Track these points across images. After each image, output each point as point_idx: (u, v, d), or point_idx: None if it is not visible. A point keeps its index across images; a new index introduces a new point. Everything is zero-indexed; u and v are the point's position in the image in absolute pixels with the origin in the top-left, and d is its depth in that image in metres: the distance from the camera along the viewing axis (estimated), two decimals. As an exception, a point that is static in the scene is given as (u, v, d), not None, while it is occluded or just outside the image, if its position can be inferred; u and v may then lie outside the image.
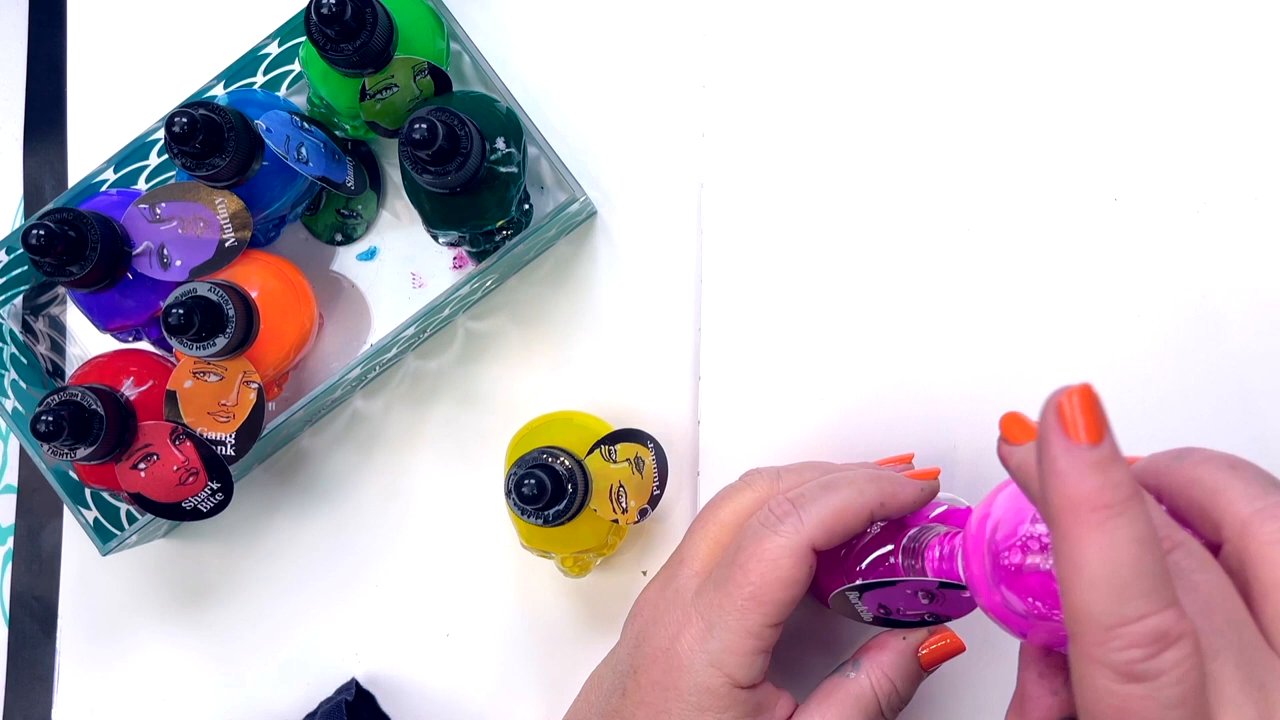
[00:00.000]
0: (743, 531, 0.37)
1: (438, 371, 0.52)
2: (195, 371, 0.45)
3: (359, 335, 0.53)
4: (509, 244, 0.47)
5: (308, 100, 0.51)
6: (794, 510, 0.36)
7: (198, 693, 0.52)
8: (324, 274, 0.53)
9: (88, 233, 0.44)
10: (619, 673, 0.38)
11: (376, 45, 0.44)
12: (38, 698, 0.54)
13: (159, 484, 0.45)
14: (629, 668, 0.37)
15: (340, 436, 0.53)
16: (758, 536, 0.35)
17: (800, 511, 0.36)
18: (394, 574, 0.52)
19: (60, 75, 0.58)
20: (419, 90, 0.47)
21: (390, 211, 0.54)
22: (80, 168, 0.57)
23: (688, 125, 0.51)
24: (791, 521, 0.35)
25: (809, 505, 0.36)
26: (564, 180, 0.48)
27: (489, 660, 0.51)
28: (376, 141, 0.53)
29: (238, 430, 0.45)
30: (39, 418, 0.42)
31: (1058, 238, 0.48)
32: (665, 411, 0.50)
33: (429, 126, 0.41)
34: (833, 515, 0.35)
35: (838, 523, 0.36)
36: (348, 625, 0.52)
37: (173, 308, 0.43)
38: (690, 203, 0.51)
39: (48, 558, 0.55)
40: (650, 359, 0.51)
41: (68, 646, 0.54)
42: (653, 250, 0.51)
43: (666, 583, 0.38)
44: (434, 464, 0.52)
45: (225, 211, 0.47)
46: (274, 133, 0.46)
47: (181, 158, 0.45)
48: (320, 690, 0.51)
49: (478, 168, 0.44)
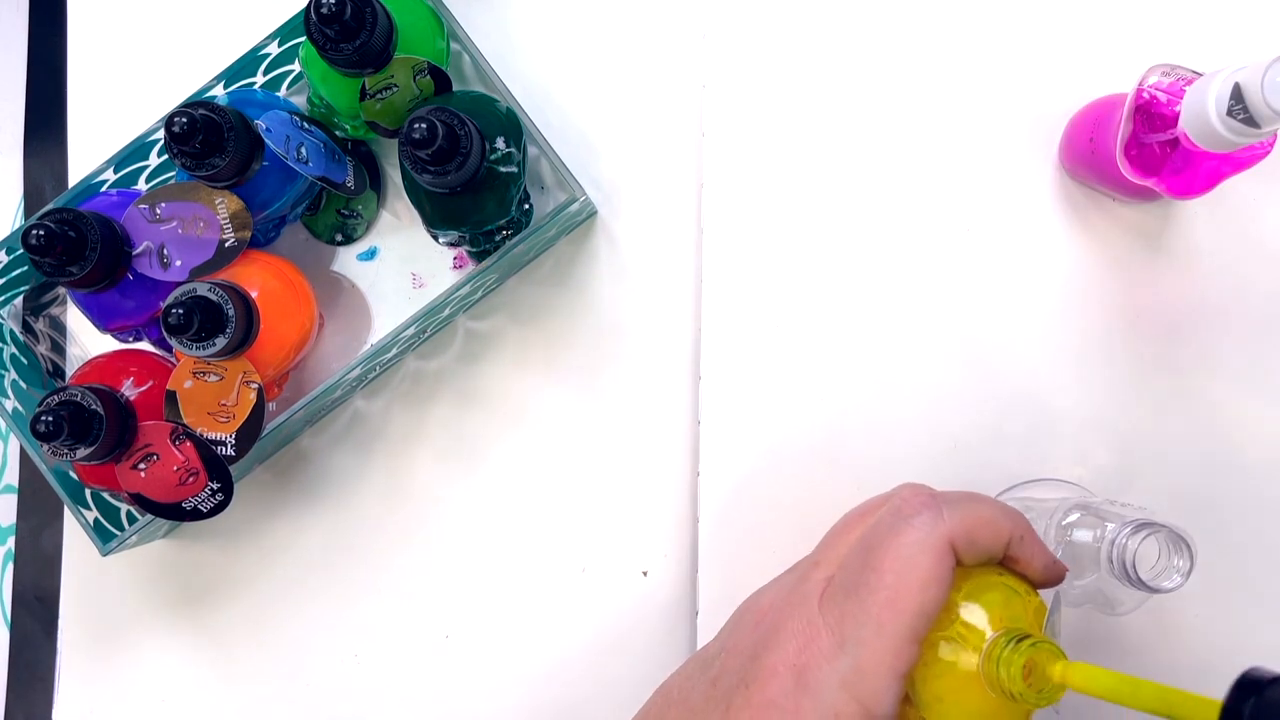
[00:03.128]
0: (872, 529, 0.32)
1: (438, 371, 0.52)
2: (195, 371, 0.45)
3: (359, 335, 0.53)
4: (509, 244, 0.47)
5: (308, 100, 0.51)
6: (933, 503, 0.31)
7: (197, 693, 0.52)
8: (324, 274, 0.53)
9: (88, 233, 0.44)
10: (722, 687, 0.33)
11: (376, 45, 0.44)
12: (38, 698, 0.54)
13: (159, 484, 0.45)
14: (739, 680, 0.32)
15: (340, 436, 0.53)
16: (892, 530, 0.31)
17: (940, 505, 0.31)
18: (394, 574, 0.52)
19: (60, 76, 0.58)
20: (419, 90, 0.47)
21: (390, 211, 0.54)
22: (80, 168, 0.57)
23: (688, 125, 0.51)
24: (930, 513, 0.31)
25: (949, 504, 0.32)
26: (564, 180, 0.48)
27: (489, 660, 0.51)
28: (376, 141, 0.53)
29: (238, 430, 0.45)
30: (39, 418, 0.42)
31: (1057, 237, 0.48)
32: (665, 411, 0.50)
33: (429, 126, 0.41)
34: (976, 519, 0.31)
35: (979, 529, 0.31)
36: (348, 626, 0.52)
37: (173, 308, 0.43)
38: (690, 203, 0.51)
39: (48, 558, 0.55)
40: (650, 359, 0.51)
41: (68, 647, 0.54)
42: (653, 250, 0.51)
43: (795, 585, 0.33)
44: (434, 464, 0.52)
45: (225, 211, 0.47)
46: (274, 133, 0.46)
47: (181, 158, 0.45)
48: (321, 690, 0.51)
49: (478, 168, 0.44)
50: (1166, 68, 0.40)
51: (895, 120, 0.49)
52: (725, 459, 0.48)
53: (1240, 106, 0.35)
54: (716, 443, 0.49)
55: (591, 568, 0.50)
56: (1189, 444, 0.46)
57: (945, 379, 0.47)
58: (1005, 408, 0.47)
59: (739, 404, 0.49)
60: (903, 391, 0.48)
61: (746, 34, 0.51)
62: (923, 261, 0.48)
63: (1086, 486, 0.46)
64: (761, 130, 0.50)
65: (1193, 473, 0.46)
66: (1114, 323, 0.47)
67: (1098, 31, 0.48)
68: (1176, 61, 0.40)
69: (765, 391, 0.49)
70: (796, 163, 0.50)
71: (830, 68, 0.50)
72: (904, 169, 0.49)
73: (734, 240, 0.50)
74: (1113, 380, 0.47)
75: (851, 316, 0.48)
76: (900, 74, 0.49)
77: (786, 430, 0.48)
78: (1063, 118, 0.47)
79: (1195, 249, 0.47)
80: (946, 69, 0.49)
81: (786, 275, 0.49)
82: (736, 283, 0.49)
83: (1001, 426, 0.47)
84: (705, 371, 0.49)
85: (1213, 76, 0.36)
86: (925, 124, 0.49)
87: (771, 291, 0.49)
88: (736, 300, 0.49)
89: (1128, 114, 0.40)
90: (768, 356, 0.49)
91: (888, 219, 0.49)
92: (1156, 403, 0.46)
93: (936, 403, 0.47)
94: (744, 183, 0.50)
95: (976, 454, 0.46)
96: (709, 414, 0.49)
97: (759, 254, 0.49)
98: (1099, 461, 0.46)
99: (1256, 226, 0.47)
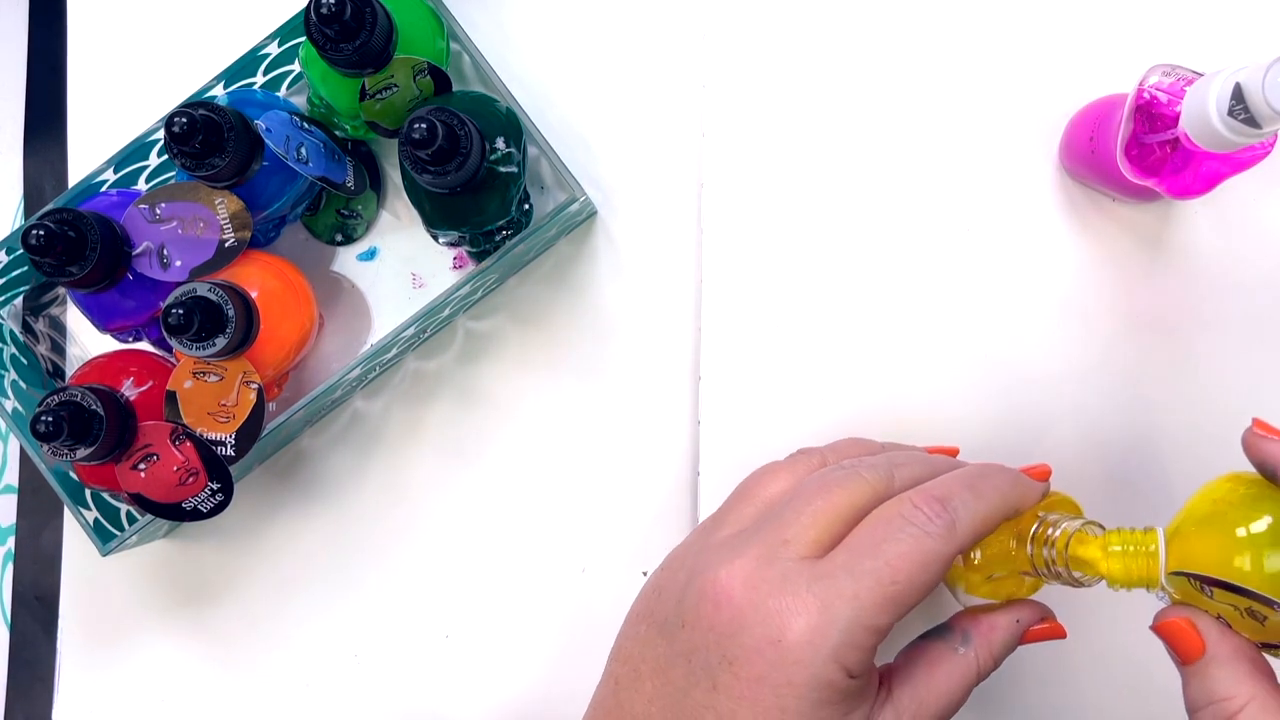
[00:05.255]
0: (881, 522, 0.34)
1: (437, 371, 0.52)
2: (195, 372, 0.45)
3: (359, 335, 0.53)
4: (509, 244, 0.47)
5: (308, 100, 0.51)
6: (945, 512, 0.33)
7: (197, 692, 0.52)
8: (324, 274, 0.53)
9: (88, 233, 0.44)
10: (700, 663, 0.33)
11: (376, 45, 0.44)
12: (38, 698, 0.54)
13: (159, 484, 0.45)
14: (719, 658, 0.33)
15: (340, 437, 0.53)
16: (909, 536, 0.33)
17: (953, 515, 0.33)
18: (394, 574, 0.52)
19: (60, 75, 0.58)
20: (419, 90, 0.47)
21: (390, 211, 0.54)
22: (80, 168, 0.57)
23: (688, 125, 0.51)
24: (944, 524, 0.33)
25: (960, 510, 0.34)
26: (564, 180, 0.48)
27: (489, 660, 0.51)
28: (376, 141, 0.53)
29: (238, 430, 0.45)
30: (39, 418, 0.42)
31: (1056, 237, 0.48)
32: (665, 412, 0.50)
33: (429, 126, 0.41)
34: (984, 522, 0.34)
35: (985, 530, 0.34)
36: (348, 625, 0.52)
37: (173, 308, 0.43)
38: (690, 203, 0.51)
39: (48, 558, 0.55)
40: (650, 359, 0.51)
41: (68, 646, 0.54)
42: (653, 250, 0.51)
43: (764, 564, 0.34)
44: (434, 464, 0.52)
45: (225, 211, 0.47)
46: (274, 133, 0.46)
47: (181, 158, 0.45)
48: (321, 690, 0.51)
49: (478, 168, 0.44)
50: (1167, 68, 0.40)
51: (895, 120, 0.49)
52: (725, 459, 0.48)
53: (1241, 107, 0.35)
54: (716, 443, 0.49)
55: (591, 568, 0.50)
56: (1188, 444, 0.46)
57: (945, 378, 0.47)
58: (1004, 407, 0.47)
59: (739, 404, 0.49)
60: (902, 391, 0.48)
61: (746, 34, 0.51)
62: (922, 261, 0.48)
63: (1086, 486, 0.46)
64: (761, 130, 0.50)
65: (1192, 472, 0.46)
66: (1113, 322, 0.47)
67: (1098, 31, 0.48)
68: (1177, 61, 0.40)
69: (765, 391, 0.49)
70: (797, 163, 0.50)
71: (830, 68, 0.50)
72: (904, 169, 0.49)
73: (734, 240, 0.50)
74: (1112, 380, 0.47)
75: (851, 316, 0.48)
76: (900, 74, 0.49)
77: (786, 430, 0.48)
78: (1063, 118, 0.47)
79: (1195, 249, 0.47)
80: (946, 69, 0.49)
81: (786, 275, 0.49)
82: (736, 283, 0.49)
83: (1001, 425, 0.47)
84: (705, 371, 0.49)
85: (1213, 77, 0.36)
86: (925, 124, 0.49)
87: (771, 291, 0.49)
88: (736, 300, 0.49)
89: (1128, 114, 0.40)
90: (768, 356, 0.49)
91: (888, 219, 0.49)
92: (1156, 402, 0.46)
93: (936, 402, 0.47)
94: (744, 183, 0.50)
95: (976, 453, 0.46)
96: (709, 414, 0.49)
97: (759, 254, 0.49)
98: (1098, 461, 0.46)
99: (1256, 226, 0.47)
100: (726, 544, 0.36)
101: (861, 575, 0.32)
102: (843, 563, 0.33)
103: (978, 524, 0.33)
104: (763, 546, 0.34)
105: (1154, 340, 0.47)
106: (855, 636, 0.32)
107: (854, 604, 0.32)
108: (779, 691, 0.32)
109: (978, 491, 0.34)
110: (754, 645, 0.32)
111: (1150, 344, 0.47)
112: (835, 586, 0.32)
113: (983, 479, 0.35)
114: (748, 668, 0.32)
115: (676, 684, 0.34)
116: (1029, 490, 0.36)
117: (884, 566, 0.32)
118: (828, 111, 0.50)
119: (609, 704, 0.36)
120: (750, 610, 0.33)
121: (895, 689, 0.34)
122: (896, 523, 0.33)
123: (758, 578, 0.33)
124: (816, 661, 0.32)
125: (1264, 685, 0.30)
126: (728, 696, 0.32)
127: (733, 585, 0.34)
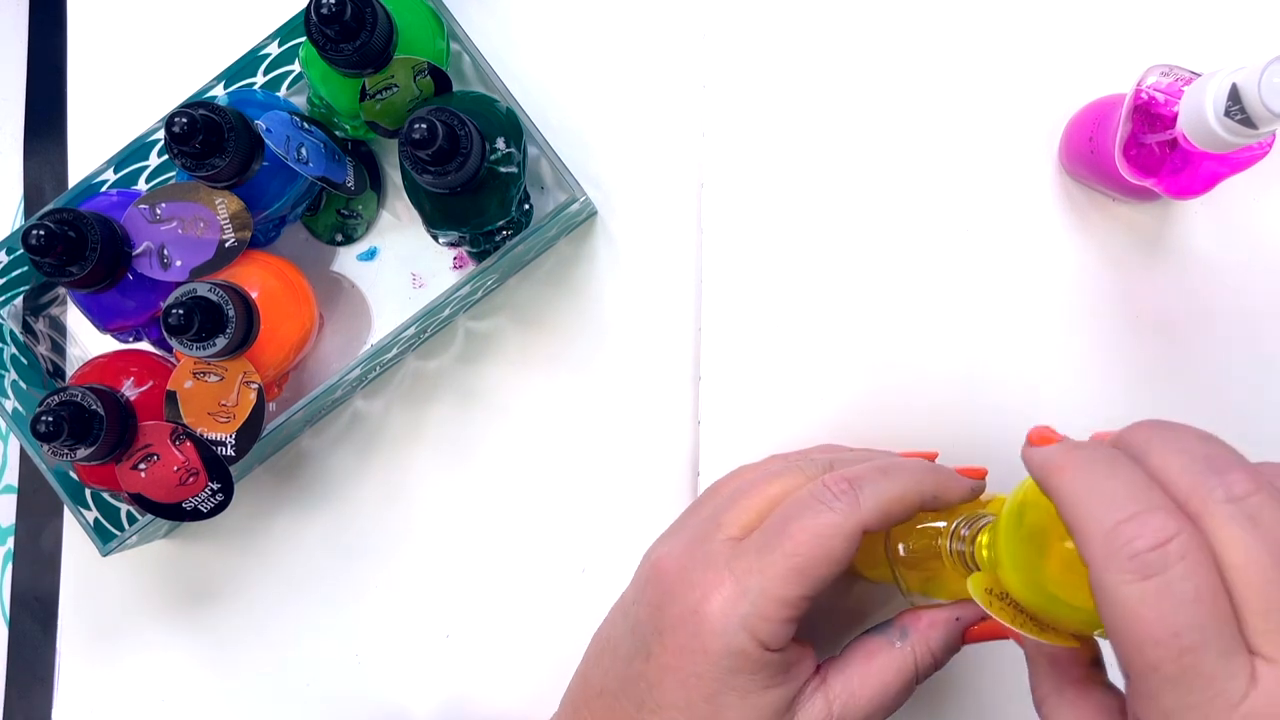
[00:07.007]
0: (793, 501, 0.35)
1: (438, 371, 0.52)
2: (195, 372, 0.45)
3: (359, 335, 0.53)
4: (509, 244, 0.47)
5: (308, 100, 0.51)
6: (851, 490, 0.35)
7: (197, 692, 0.52)
8: (324, 274, 0.53)
9: (88, 233, 0.44)
10: (639, 636, 0.36)
11: (376, 45, 0.44)
12: (38, 698, 0.54)
13: (159, 484, 0.45)
14: (652, 630, 0.36)
15: (340, 437, 0.53)
16: (812, 511, 0.34)
17: (858, 492, 0.35)
18: (394, 574, 0.52)
19: (60, 75, 0.58)
20: (419, 90, 0.47)
21: (390, 211, 0.54)
22: (80, 168, 0.57)
23: (688, 125, 0.52)
24: (848, 500, 0.34)
25: (866, 487, 0.35)
26: (564, 180, 0.48)
27: (489, 660, 0.51)
28: (376, 141, 0.53)
29: (238, 430, 0.45)
30: (39, 418, 0.42)
31: (1056, 237, 0.48)
32: (665, 411, 0.50)
33: (429, 126, 0.41)
34: (890, 501, 0.35)
35: (892, 509, 0.35)
36: (348, 625, 0.52)
37: (173, 308, 0.43)
38: (690, 203, 0.51)
39: (48, 558, 0.55)
40: (650, 359, 0.51)
41: (68, 646, 0.54)
42: (653, 250, 0.51)
43: (696, 544, 0.36)
44: (434, 464, 0.52)
45: (225, 212, 0.47)
46: (274, 133, 0.46)
47: (181, 158, 0.45)
48: (321, 690, 0.51)
49: (478, 168, 0.44)
50: (1165, 68, 0.40)
51: (895, 120, 0.49)
52: (725, 459, 0.48)
53: (1238, 107, 0.35)
54: (716, 443, 0.49)
55: (591, 568, 0.50)
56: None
57: (944, 378, 0.48)
58: (1003, 406, 0.47)
59: (739, 404, 0.49)
60: (901, 390, 0.48)
61: (746, 34, 0.51)
62: (922, 261, 0.48)
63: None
64: (761, 130, 0.50)
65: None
66: (1113, 322, 0.47)
67: (1098, 31, 0.48)
68: (1175, 61, 0.40)
69: (765, 391, 0.49)
70: (797, 163, 0.50)
71: (831, 68, 0.50)
72: (904, 169, 0.49)
73: (734, 240, 0.50)
74: (1111, 379, 0.47)
75: (851, 316, 0.49)
76: (900, 74, 0.49)
77: (786, 430, 0.48)
78: (1063, 118, 0.47)
79: (1194, 249, 0.47)
80: (946, 69, 0.49)
81: (787, 275, 0.49)
82: (736, 283, 0.49)
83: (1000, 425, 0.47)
84: (705, 371, 0.49)
85: (1210, 77, 0.36)
86: (925, 124, 0.49)
87: (771, 291, 0.49)
88: (736, 300, 0.49)
89: (1126, 114, 0.40)
90: (768, 356, 0.49)
91: (887, 219, 0.49)
92: (1155, 402, 0.46)
93: (935, 402, 0.47)
94: (744, 183, 0.50)
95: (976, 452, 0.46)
96: (709, 414, 0.49)
97: (759, 254, 0.49)
98: (1098, 461, 0.46)
99: (1255, 226, 0.47)
100: (672, 529, 0.39)
101: (767, 549, 0.34)
102: (755, 540, 0.35)
103: (883, 502, 0.34)
104: (699, 530, 0.37)
105: (1153, 340, 0.47)
106: (763, 608, 0.33)
107: (760, 576, 0.34)
108: (696, 659, 0.34)
109: (889, 474, 0.36)
110: (679, 616, 0.35)
111: (1149, 343, 0.47)
112: (746, 561, 0.34)
113: (898, 466, 0.36)
114: (673, 638, 0.35)
115: (623, 656, 0.37)
116: (950, 482, 0.36)
117: (787, 540, 0.34)
118: (828, 112, 0.50)
119: (579, 679, 0.39)
120: (679, 584, 0.35)
121: (830, 677, 0.36)
122: (805, 501, 0.35)
123: (688, 556, 0.36)
124: (729, 631, 0.34)
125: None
126: (657, 666, 0.35)
127: (669, 563, 0.37)
